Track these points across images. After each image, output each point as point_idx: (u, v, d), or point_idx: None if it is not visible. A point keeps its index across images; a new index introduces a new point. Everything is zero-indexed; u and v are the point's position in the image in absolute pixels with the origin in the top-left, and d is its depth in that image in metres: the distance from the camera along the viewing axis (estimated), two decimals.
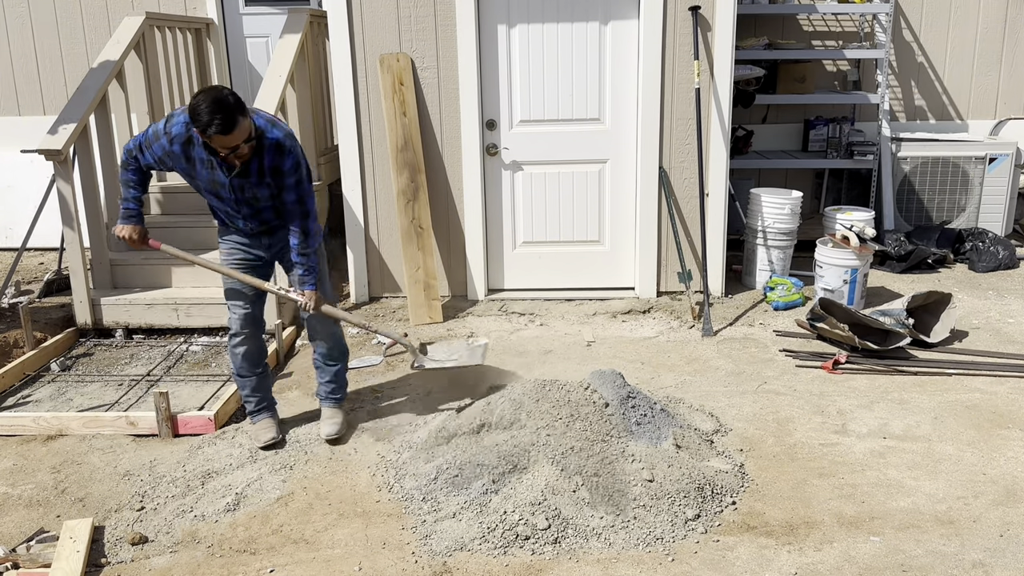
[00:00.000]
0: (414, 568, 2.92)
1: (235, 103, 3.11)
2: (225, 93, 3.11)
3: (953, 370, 4.42)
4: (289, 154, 3.33)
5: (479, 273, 5.64)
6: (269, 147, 3.31)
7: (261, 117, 3.35)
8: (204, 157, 3.34)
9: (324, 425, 3.86)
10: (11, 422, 4.01)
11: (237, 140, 3.15)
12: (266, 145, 3.30)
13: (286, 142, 3.33)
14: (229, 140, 3.14)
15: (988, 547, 2.96)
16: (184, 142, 3.34)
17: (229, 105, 3.08)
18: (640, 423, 3.47)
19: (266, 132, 3.30)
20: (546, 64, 5.41)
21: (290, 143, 3.35)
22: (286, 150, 3.33)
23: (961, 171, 6.56)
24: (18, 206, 6.92)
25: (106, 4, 7.10)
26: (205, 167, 3.37)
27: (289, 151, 3.33)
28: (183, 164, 3.40)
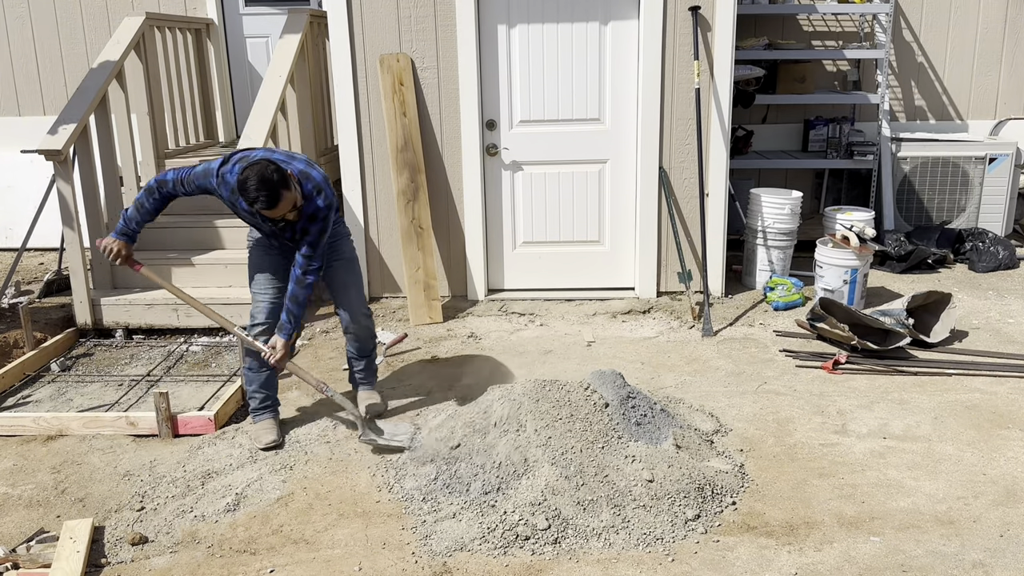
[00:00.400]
0: (414, 568, 2.92)
1: (279, 180, 3.28)
2: (270, 171, 3.27)
3: (953, 370, 4.42)
4: (320, 222, 3.54)
5: (479, 273, 5.64)
6: (307, 214, 3.52)
7: (311, 181, 3.51)
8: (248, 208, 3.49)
9: (362, 403, 4.09)
10: (11, 422, 4.01)
11: (282, 212, 3.36)
12: (305, 212, 3.51)
13: (320, 213, 3.53)
14: (274, 213, 3.35)
15: (988, 547, 2.96)
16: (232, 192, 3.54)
17: (273, 183, 3.26)
18: (640, 423, 3.47)
19: (308, 202, 3.49)
20: (546, 64, 5.41)
21: (324, 214, 3.54)
22: (319, 219, 3.54)
23: (961, 171, 6.56)
24: (18, 206, 6.92)
25: (106, 4, 7.11)
26: (250, 215, 3.61)
27: (321, 220, 3.54)
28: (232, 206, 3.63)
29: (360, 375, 4.17)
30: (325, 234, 3.59)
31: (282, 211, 3.35)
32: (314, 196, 3.50)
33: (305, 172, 3.53)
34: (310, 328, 5.27)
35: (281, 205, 3.31)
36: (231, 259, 5.42)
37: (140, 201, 3.69)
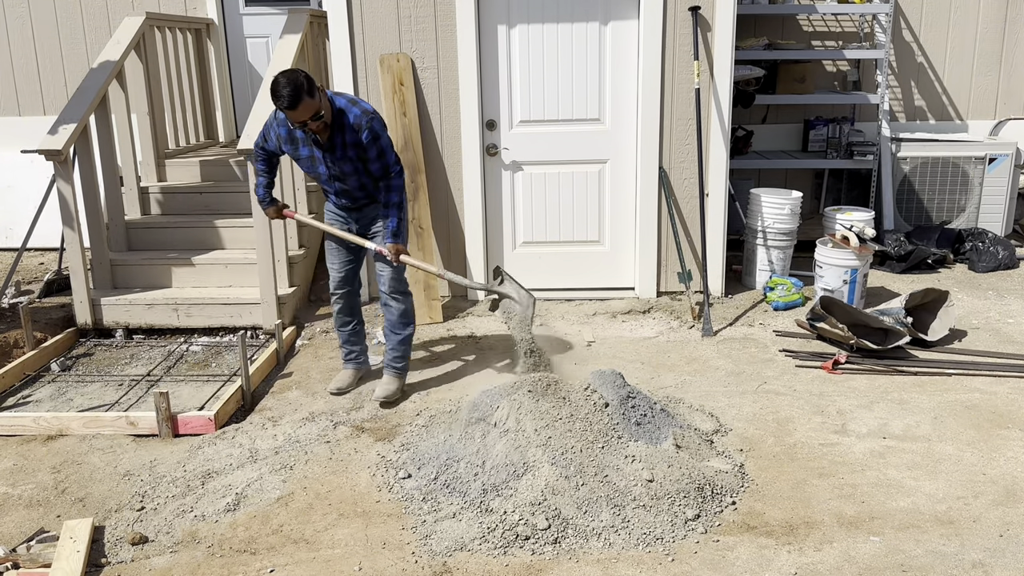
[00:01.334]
0: (414, 568, 2.93)
1: (304, 84, 3.58)
2: (300, 75, 3.60)
3: (953, 370, 4.42)
4: (365, 129, 3.80)
5: (479, 273, 5.64)
6: (348, 125, 3.80)
7: (343, 98, 3.84)
8: (301, 136, 3.89)
9: (379, 387, 4.26)
10: (11, 422, 4.02)
11: (303, 116, 3.64)
12: (346, 124, 3.79)
13: (362, 120, 3.80)
14: (295, 115, 3.63)
15: (988, 547, 2.96)
16: (287, 123, 3.90)
17: (297, 85, 3.57)
18: (640, 423, 3.47)
19: (346, 112, 3.80)
20: (546, 64, 5.41)
21: (366, 120, 3.80)
22: (362, 126, 3.80)
23: (961, 171, 6.56)
24: (18, 206, 6.92)
25: (106, 4, 7.11)
26: (304, 145, 3.92)
27: (365, 127, 3.80)
28: (289, 145, 3.97)
29: (388, 356, 4.31)
30: (380, 140, 3.83)
31: (302, 115, 3.62)
32: (349, 107, 3.80)
33: (339, 93, 3.87)
34: (310, 328, 5.27)
35: (301, 108, 3.60)
36: (231, 259, 5.43)
37: (256, 168, 4.24)
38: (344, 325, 4.40)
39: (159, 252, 5.58)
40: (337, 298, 4.33)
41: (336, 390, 4.36)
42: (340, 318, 4.38)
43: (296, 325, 5.26)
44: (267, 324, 5.09)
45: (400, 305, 4.22)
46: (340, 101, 3.83)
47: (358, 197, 4.09)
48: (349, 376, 4.44)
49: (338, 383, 4.39)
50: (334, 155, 3.89)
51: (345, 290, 4.31)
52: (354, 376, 4.46)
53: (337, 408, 4.20)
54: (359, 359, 4.50)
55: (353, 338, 4.44)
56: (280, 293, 5.14)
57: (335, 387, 4.37)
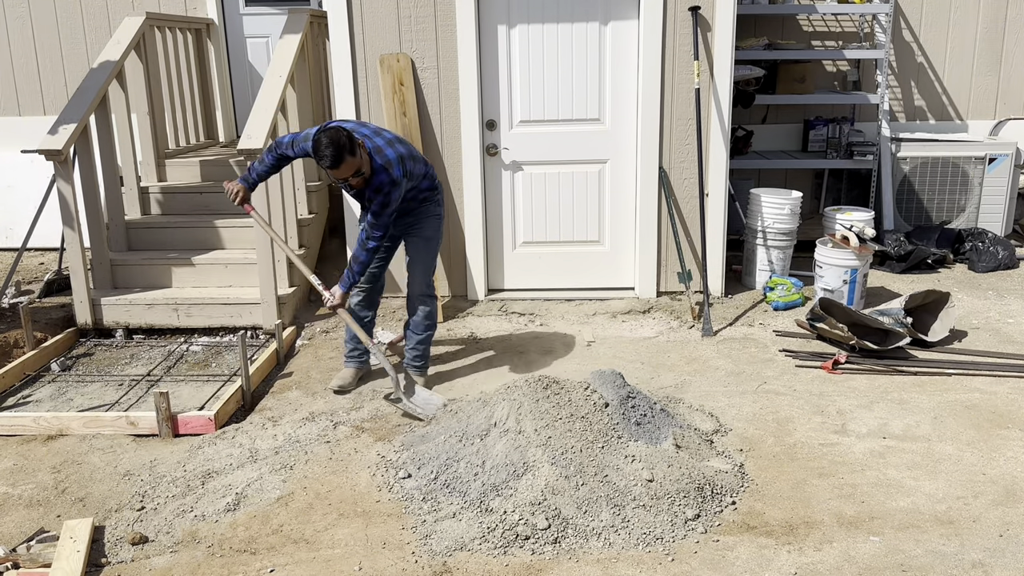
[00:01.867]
0: (414, 568, 2.93)
1: (347, 145, 3.71)
2: (342, 136, 3.71)
3: (953, 370, 4.42)
4: (381, 196, 3.91)
5: (479, 273, 5.64)
6: (373, 185, 3.91)
7: (383, 156, 3.90)
8: None
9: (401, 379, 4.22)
10: (11, 422, 4.02)
11: (344, 175, 3.78)
12: (372, 183, 3.91)
13: (384, 188, 3.90)
14: (337, 174, 3.78)
15: (988, 547, 2.96)
16: None
17: (339, 147, 3.69)
18: (640, 423, 3.47)
19: (376, 174, 3.89)
20: (546, 64, 5.41)
21: (387, 189, 3.90)
22: (382, 192, 3.91)
23: (961, 171, 6.56)
24: (18, 206, 6.92)
25: (106, 4, 7.11)
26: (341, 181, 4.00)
27: (384, 194, 3.91)
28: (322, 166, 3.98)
29: (408, 355, 4.43)
30: (387, 208, 3.93)
31: (344, 173, 3.77)
32: (382, 171, 3.89)
33: (380, 148, 3.91)
34: (310, 328, 5.28)
35: (343, 167, 3.73)
36: (231, 259, 5.43)
37: (262, 156, 4.25)
38: (358, 320, 4.42)
39: (159, 252, 5.58)
40: (360, 291, 4.38)
41: (338, 388, 4.39)
42: (356, 311, 4.41)
43: (296, 325, 5.26)
44: (267, 324, 5.09)
45: (426, 307, 4.33)
46: (378, 161, 3.89)
47: None
48: (351, 374, 4.47)
49: (340, 381, 4.42)
50: (364, 196, 4.04)
51: (369, 285, 4.38)
52: (356, 375, 4.48)
53: (337, 408, 4.20)
54: (362, 358, 4.52)
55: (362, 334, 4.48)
56: (280, 293, 5.14)
57: (337, 385, 4.40)
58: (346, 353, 4.51)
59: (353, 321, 4.20)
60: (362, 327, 4.40)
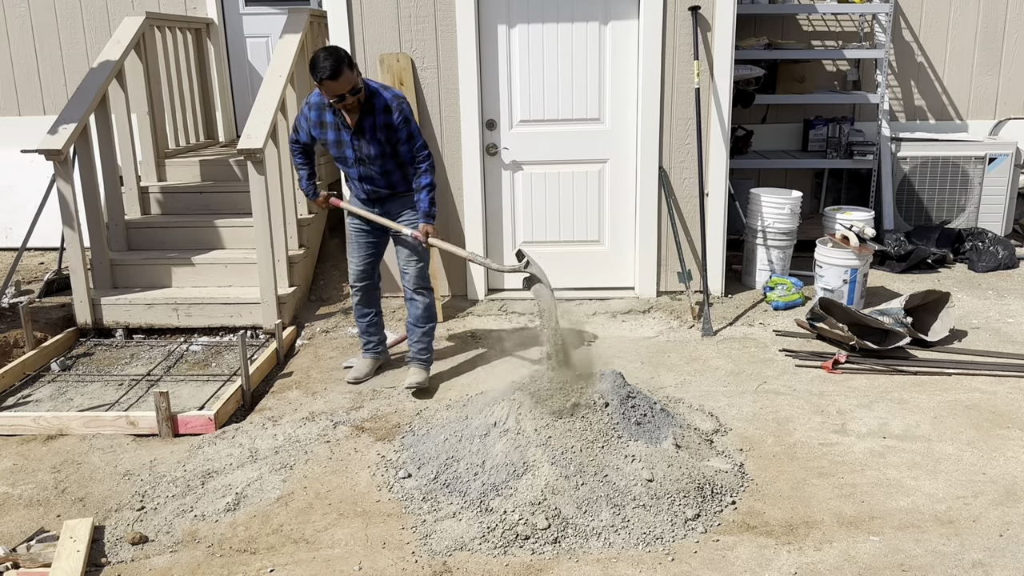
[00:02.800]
0: (414, 568, 2.93)
1: (345, 57, 3.78)
2: (340, 50, 3.80)
3: (953, 370, 4.42)
4: (396, 111, 3.97)
5: (479, 273, 5.64)
6: (380, 107, 3.95)
7: (375, 83, 4.02)
8: (331, 120, 4.07)
9: (409, 377, 4.37)
10: (11, 422, 4.02)
11: (342, 88, 3.79)
12: (377, 105, 3.95)
13: (393, 102, 3.97)
14: (335, 87, 3.78)
15: (988, 547, 2.96)
16: (319, 108, 4.09)
17: (339, 57, 3.76)
18: (640, 423, 3.47)
19: (375, 95, 3.96)
20: (546, 64, 5.41)
21: (397, 103, 3.98)
22: (393, 108, 3.97)
23: (961, 171, 6.56)
24: (18, 206, 6.92)
25: (106, 4, 7.11)
26: (333, 130, 4.09)
27: (396, 109, 3.97)
28: (319, 130, 4.14)
29: (412, 349, 4.44)
30: (410, 124, 4.01)
31: (342, 87, 3.79)
32: (380, 91, 3.97)
33: (371, 80, 4.02)
34: (310, 328, 5.28)
35: (342, 79, 3.76)
36: (231, 259, 5.43)
37: (295, 163, 4.37)
38: (363, 316, 4.53)
39: (159, 252, 5.58)
40: (356, 290, 4.47)
41: (354, 380, 4.48)
42: (359, 309, 4.51)
43: (296, 325, 5.26)
44: (267, 324, 5.09)
45: (424, 299, 4.36)
46: (373, 84, 4.00)
47: (380, 186, 4.20)
48: (368, 365, 4.56)
49: (356, 373, 4.51)
50: (363, 137, 4.04)
51: (365, 283, 4.45)
52: (372, 366, 4.59)
53: (337, 408, 4.21)
54: (377, 349, 4.61)
55: (371, 329, 4.57)
56: (280, 293, 5.14)
57: (353, 377, 4.49)
58: (363, 345, 4.60)
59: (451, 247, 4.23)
60: (370, 325, 4.54)
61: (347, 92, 3.83)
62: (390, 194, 4.24)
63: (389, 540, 3.09)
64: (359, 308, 4.51)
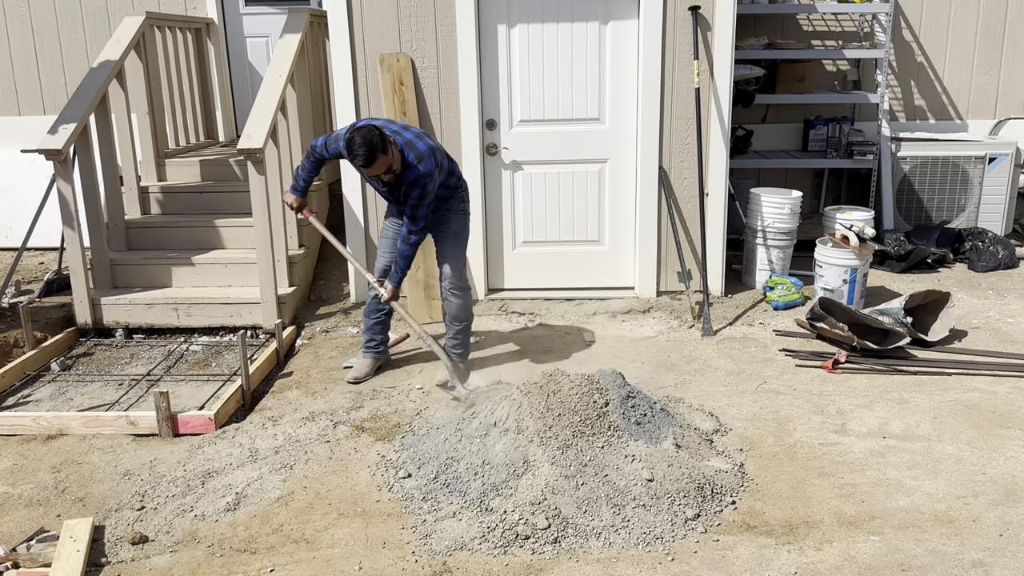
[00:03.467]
0: (414, 567, 2.93)
1: (379, 143, 3.83)
2: (374, 135, 3.83)
3: (953, 370, 4.42)
4: (418, 188, 4.02)
5: (479, 273, 5.64)
6: (408, 180, 4.02)
7: (414, 151, 4.01)
8: None
9: (440, 372, 4.41)
10: (11, 422, 4.02)
11: (377, 172, 3.92)
12: (407, 178, 4.02)
13: (420, 180, 4.01)
14: (370, 171, 3.93)
15: (988, 547, 2.96)
16: None
17: (372, 145, 3.82)
18: (640, 423, 3.47)
19: (409, 169, 4.00)
20: (546, 64, 5.41)
21: (424, 181, 4.01)
22: (417, 186, 4.01)
23: (961, 171, 6.56)
24: (18, 206, 6.92)
25: (106, 4, 7.10)
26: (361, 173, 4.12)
27: (420, 187, 4.01)
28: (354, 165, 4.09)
29: (448, 345, 4.46)
30: (424, 200, 4.05)
31: (377, 171, 3.90)
32: (415, 164, 4.00)
33: (411, 143, 4.03)
34: (310, 328, 5.28)
35: (376, 165, 3.86)
36: (231, 259, 5.43)
37: (302, 162, 4.40)
38: (376, 312, 4.53)
39: (159, 252, 5.58)
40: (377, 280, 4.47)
41: (355, 379, 4.49)
42: (374, 304, 4.51)
43: (296, 325, 5.26)
44: (267, 324, 5.09)
45: (459, 300, 4.38)
46: (410, 156, 4.00)
47: None
48: (368, 365, 4.57)
49: (357, 372, 4.53)
50: (392, 194, 4.20)
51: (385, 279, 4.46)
52: (373, 365, 4.59)
53: (337, 408, 4.21)
54: (379, 348, 4.62)
55: (378, 327, 4.57)
56: (280, 293, 5.14)
57: (353, 376, 4.50)
58: (364, 344, 4.61)
59: (406, 313, 4.30)
60: (378, 323, 4.56)
61: (382, 174, 3.94)
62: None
63: (389, 540, 3.09)
64: (374, 303, 4.51)
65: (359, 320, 5.37)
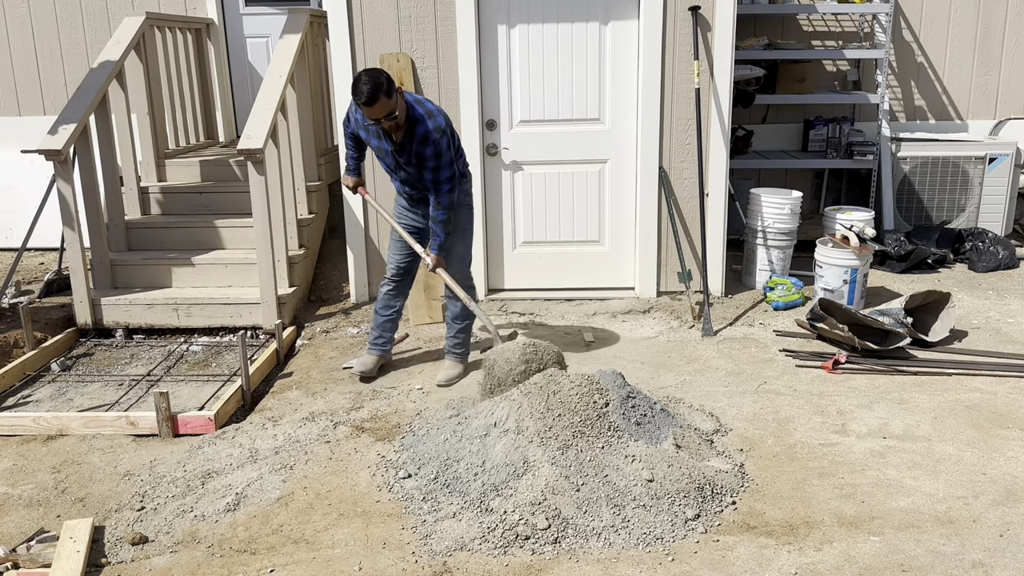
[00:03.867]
0: (414, 568, 2.93)
1: (384, 85, 3.73)
2: (381, 75, 3.74)
3: (953, 370, 4.42)
4: (431, 145, 3.92)
5: (479, 273, 5.64)
6: (419, 136, 3.93)
7: (423, 107, 3.95)
8: (374, 128, 4.01)
9: (440, 372, 4.47)
10: (11, 422, 4.02)
11: (378, 114, 3.78)
12: (417, 133, 3.93)
13: (432, 136, 3.92)
14: (371, 112, 3.77)
15: (988, 547, 2.96)
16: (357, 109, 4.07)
17: (378, 85, 3.71)
18: (640, 423, 3.47)
19: (419, 123, 3.92)
20: (546, 64, 5.41)
21: (436, 136, 3.92)
22: (430, 142, 3.92)
23: (961, 171, 6.56)
24: (18, 206, 6.92)
25: (106, 4, 7.11)
26: (374, 136, 4.07)
27: (433, 143, 3.92)
28: (363, 132, 4.13)
29: (449, 344, 4.51)
30: (442, 160, 3.95)
31: (377, 113, 3.77)
32: (425, 119, 3.92)
33: (420, 101, 3.98)
34: (310, 328, 5.28)
35: (377, 106, 3.74)
36: (231, 259, 5.43)
37: (346, 143, 4.37)
38: (387, 309, 4.52)
39: (159, 252, 5.58)
40: (391, 283, 4.49)
41: (360, 375, 4.50)
42: (386, 301, 4.51)
43: (296, 325, 5.26)
44: (267, 324, 5.09)
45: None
46: (419, 110, 3.94)
47: (421, 190, 4.22)
48: (374, 361, 4.56)
49: (362, 368, 4.51)
50: (401, 155, 4.05)
51: (401, 279, 4.49)
52: (378, 362, 4.58)
53: (337, 408, 4.21)
54: (386, 346, 4.62)
55: (388, 324, 4.57)
56: (280, 293, 5.14)
57: (359, 371, 4.50)
58: (370, 340, 4.60)
59: (452, 281, 4.21)
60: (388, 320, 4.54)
61: (382, 118, 3.82)
62: None
63: (389, 540, 3.09)
64: (386, 300, 4.50)
65: (359, 320, 5.37)
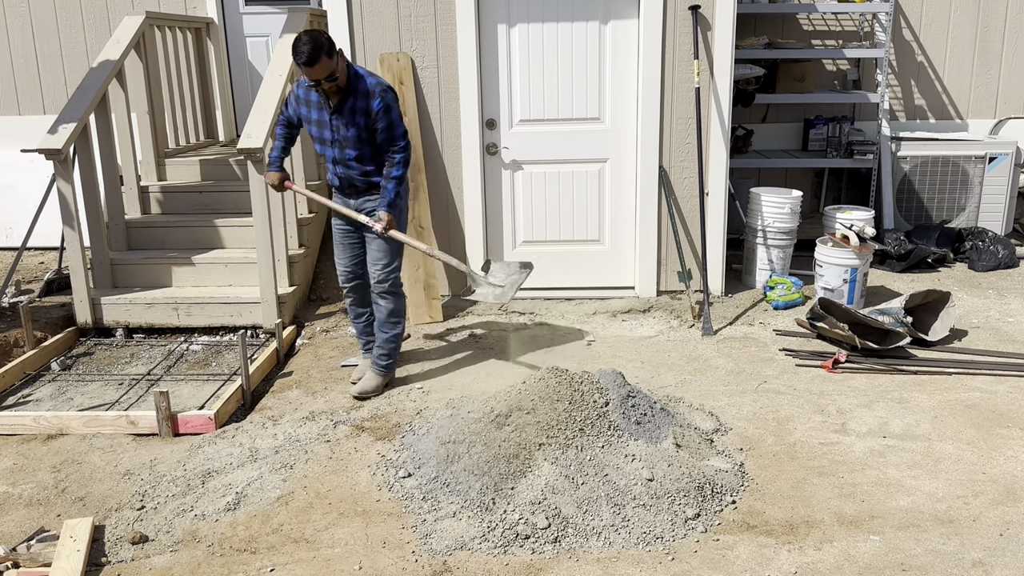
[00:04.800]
0: (414, 567, 2.93)
1: (325, 45, 3.74)
2: (322, 36, 3.76)
3: (953, 369, 4.42)
4: (378, 98, 3.93)
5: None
6: (361, 90, 3.94)
7: (364, 70, 4.00)
8: (316, 99, 4.03)
9: (361, 382, 4.35)
10: (11, 421, 4.02)
11: (318, 75, 3.79)
12: (359, 88, 3.94)
13: (376, 88, 3.94)
14: (312, 72, 3.77)
15: (988, 546, 2.96)
16: (307, 86, 4.05)
17: (318, 44, 3.73)
18: (640, 422, 3.47)
19: (363, 78, 3.95)
20: (546, 64, 5.41)
21: (380, 90, 3.93)
22: (375, 95, 3.93)
23: (961, 170, 6.56)
24: (18, 206, 6.92)
25: (106, 4, 7.10)
26: (316, 108, 4.04)
27: (379, 96, 3.93)
28: (304, 108, 4.09)
29: (375, 354, 4.36)
30: (391, 111, 3.95)
31: (318, 73, 3.77)
32: (367, 77, 3.94)
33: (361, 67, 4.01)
34: (310, 327, 5.28)
35: (318, 67, 3.75)
36: (231, 258, 5.43)
37: (276, 132, 4.29)
38: (358, 317, 4.49)
39: (159, 251, 5.58)
40: (348, 291, 4.42)
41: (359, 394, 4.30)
42: (353, 310, 4.47)
43: (296, 324, 5.26)
44: (267, 323, 5.09)
45: (388, 304, 4.25)
46: (360, 70, 3.98)
47: (354, 173, 4.10)
48: (368, 366, 4.50)
49: (359, 375, 4.49)
50: (341, 118, 3.99)
51: (355, 283, 4.38)
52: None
53: (337, 407, 4.21)
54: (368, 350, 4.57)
55: (368, 329, 4.52)
56: (280, 292, 5.14)
57: (357, 377, 4.47)
58: (363, 345, 4.58)
59: (414, 241, 4.12)
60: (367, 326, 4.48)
61: (323, 79, 3.81)
62: (366, 186, 4.14)
63: (389, 539, 3.09)
64: (353, 309, 4.47)
65: None
